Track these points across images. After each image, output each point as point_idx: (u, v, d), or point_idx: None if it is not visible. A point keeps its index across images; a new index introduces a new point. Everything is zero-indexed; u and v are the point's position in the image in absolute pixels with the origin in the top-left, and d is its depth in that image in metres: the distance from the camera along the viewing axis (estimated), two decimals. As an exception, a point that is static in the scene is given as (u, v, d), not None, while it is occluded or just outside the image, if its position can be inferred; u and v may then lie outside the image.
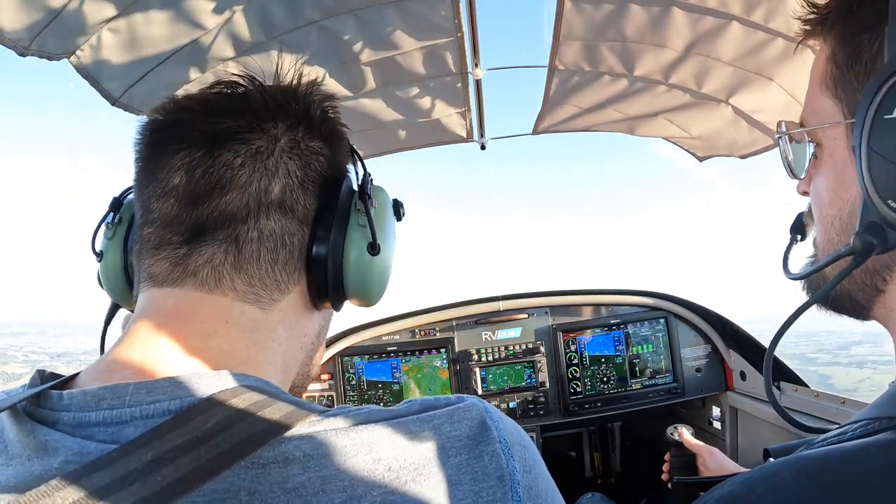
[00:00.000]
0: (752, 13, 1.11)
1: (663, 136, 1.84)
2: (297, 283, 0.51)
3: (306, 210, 0.51)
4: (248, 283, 0.47)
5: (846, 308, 0.49)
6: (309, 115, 0.52)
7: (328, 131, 0.54)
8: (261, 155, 0.48)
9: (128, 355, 0.43)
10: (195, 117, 0.48)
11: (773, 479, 0.35)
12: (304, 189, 0.50)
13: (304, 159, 0.51)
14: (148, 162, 0.49)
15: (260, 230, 0.47)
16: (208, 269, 0.46)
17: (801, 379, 1.78)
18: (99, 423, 0.38)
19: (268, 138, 0.49)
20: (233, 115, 0.49)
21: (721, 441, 2.06)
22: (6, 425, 0.40)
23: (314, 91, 0.55)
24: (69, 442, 0.37)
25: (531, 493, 0.42)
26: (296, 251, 0.50)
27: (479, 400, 0.45)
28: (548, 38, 1.36)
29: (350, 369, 2.07)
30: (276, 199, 0.48)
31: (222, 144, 0.47)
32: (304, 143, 0.51)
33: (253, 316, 0.48)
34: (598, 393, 2.09)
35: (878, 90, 0.41)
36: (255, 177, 0.47)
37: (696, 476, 1.26)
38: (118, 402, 0.38)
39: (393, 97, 1.59)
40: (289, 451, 0.37)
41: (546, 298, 2.17)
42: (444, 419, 0.42)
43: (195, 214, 0.46)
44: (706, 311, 2.13)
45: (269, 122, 0.49)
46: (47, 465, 0.36)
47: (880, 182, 0.41)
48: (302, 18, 1.18)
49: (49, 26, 0.96)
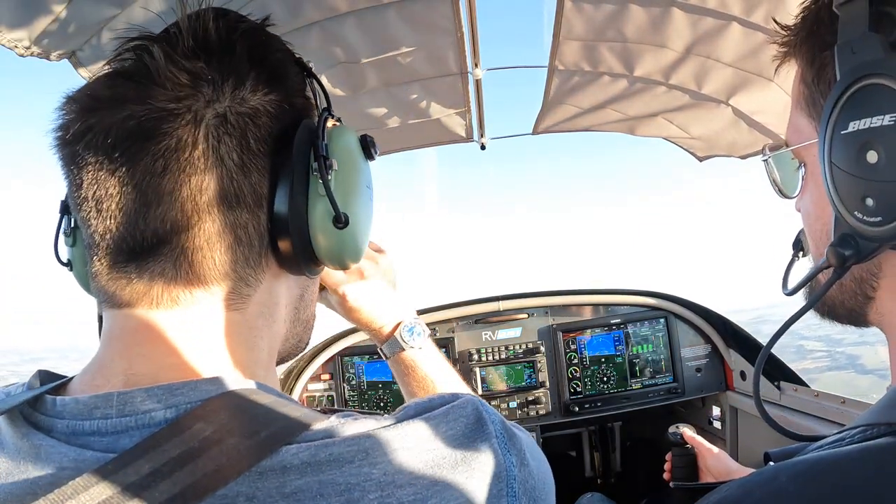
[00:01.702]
0: (753, 14, 1.10)
1: (663, 137, 1.84)
2: (266, 269, 0.47)
3: (256, 192, 0.44)
4: (209, 290, 0.43)
5: (842, 316, 0.51)
6: (233, 66, 0.43)
7: (266, 73, 0.45)
8: (183, 150, 0.41)
9: (113, 371, 0.41)
10: (102, 119, 0.41)
11: (771, 484, 0.35)
12: (246, 170, 0.43)
13: (239, 132, 0.43)
14: (72, 177, 0.43)
15: (207, 234, 0.42)
16: (161, 287, 0.42)
17: (801, 378, 1.78)
18: (94, 432, 0.37)
19: (186, 123, 0.41)
20: (141, 103, 0.40)
21: (721, 441, 2.06)
22: (2, 426, 0.40)
23: (234, 29, 0.45)
24: (64, 449, 0.36)
25: (527, 487, 0.42)
26: (255, 241, 0.45)
27: (473, 396, 0.45)
28: (548, 38, 1.36)
29: (350, 369, 2.07)
30: (215, 195, 0.42)
31: (137, 148, 0.40)
32: (233, 112, 0.43)
33: (228, 319, 0.44)
34: (598, 393, 2.09)
35: (834, 107, 0.42)
36: (181, 179, 0.41)
37: (698, 476, 1.27)
38: (112, 412, 0.38)
39: (393, 97, 1.59)
40: (286, 461, 0.37)
41: (546, 298, 2.17)
42: (440, 419, 0.42)
43: (133, 232, 0.41)
44: (706, 311, 2.13)
45: (186, 101, 0.41)
46: (41, 472, 0.36)
47: (844, 195, 0.42)
48: (302, 18, 1.18)
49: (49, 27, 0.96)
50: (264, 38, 0.48)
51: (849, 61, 0.41)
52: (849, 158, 0.41)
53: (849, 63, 0.41)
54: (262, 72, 0.45)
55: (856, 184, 0.41)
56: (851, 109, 0.41)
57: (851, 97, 0.41)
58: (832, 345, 39.14)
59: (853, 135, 0.41)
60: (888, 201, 0.39)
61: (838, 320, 0.52)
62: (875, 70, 0.39)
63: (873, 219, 0.40)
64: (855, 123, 0.41)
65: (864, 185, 0.40)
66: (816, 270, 0.48)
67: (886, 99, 0.39)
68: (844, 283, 0.47)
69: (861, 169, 0.40)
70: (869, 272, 0.45)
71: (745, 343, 2.03)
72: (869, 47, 0.40)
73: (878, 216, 0.40)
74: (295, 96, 0.49)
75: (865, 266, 0.44)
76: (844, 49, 0.42)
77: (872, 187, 0.40)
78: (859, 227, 0.41)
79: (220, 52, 0.44)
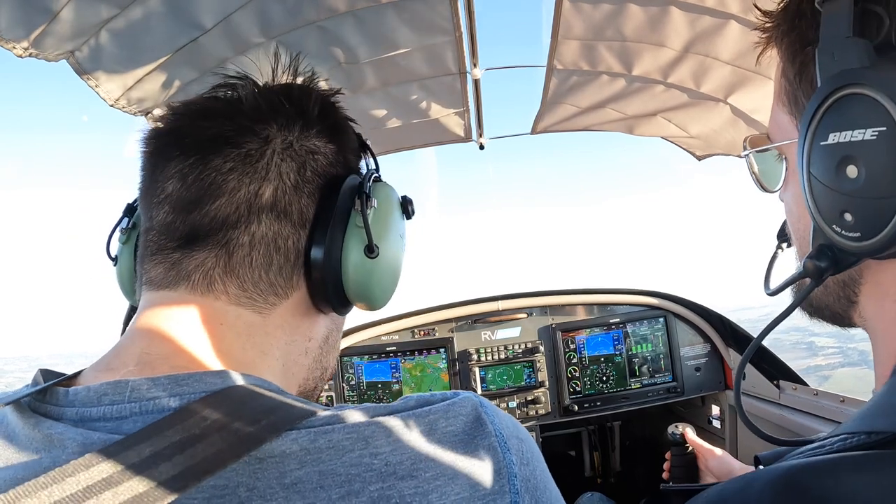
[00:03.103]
0: (751, 13, 1.11)
1: (662, 136, 1.84)
2: (297, 287, 0.51)
3: (303, 213, 0.50)
4: (241, 287, 0.47)
5: (827, 317, 0.50)
6: (305, 113, 0.51)
7: (329, 127, 0.53)
8: (251, 158, 0.48)
9: (129, 353, 0.44)
10: (189, 124, 0.49)
11: (745, 491, 0.35)
12: (299, 191, 0.50)
13: (300, 160, 0.50)
14: (148, 170, 0.50)
15: (252, 235, 0.47)
16: (200, 273, 0.47)
17: (800, 377, 1.79)
18: (100, 418, 0.39)
19: (259, 141, 0.48)
20: (225, 118, 0.49)
21: (721, 440, 2.07)
22: (11, 419, 0.41)
23: (311, 86, 0.54)
24: (72, 434, 0.38)
25: (529, 486, 0.42)
26: (292, 255, 0.50)
27: (473, 395, 0.45)
28: (546, 38, 1.36)
29: (349, 369, 2.07)
30: (268, 202, 0.48)
31: (214, 150, 0.47)
32: (299, 143, 0.50)
33: (249, 320, 0.48)
34: (598, 392, 2.09)
35: (814, 115, 0.40)
36: (244, 181, 0.47)
37: (697, 476, 1.26)
38: (119, 398, 0.39)
39: (391, 97, 1.60)
40: (286, 446, 0.37)
41: (545, 298, 2.17)
42: (440, 414, 0.42)
43: (188, 220, 0.47)
44: (705, 311, 2.13)
45: (262, 124, 0.49)
46: (56, 457, 0.37)
47: (822, 208, 0.41)
48: (301, 18, 1.18)
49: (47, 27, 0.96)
50: (333, 101, 0.56)
51: (830, 67, 0.39)
52: (828, 171, 0.39)
53: (830, 69, 0.39)
54: (327, 125, 0.53)
55: (834, 198, 0.39)
56: (832, 120, 0.39)
57: (832, 107, 0.39)
58: (844, 340, 38.84)
59: (833, 147, 0.39)
60: (868, 218, 0.37)
61: (825, 321, 0.51)
62: (857, 80, 0.37)
63: (852, 234, 0.39)
64: (835, 135, 0.39)
65: (843, 199, 0.39)
66: (794, 279, 0.47)
67: (868, 111, 0.36)
68: (828, 285, 0.46)
69: (840, 183, 0.39)
70: (851, 277, 0.44)
71: (744, 342, 2.04)
72: (851, 53, 0.38)
73: (857, 231, 0.38)
74: (349, 153, 0.56)
75: (847, 272, 0.43)
76: (825, 52, 0.40)
77: (851, 203, 0.38)
78: (837, 240, 0.40)
79: (298, 99, 0.52)
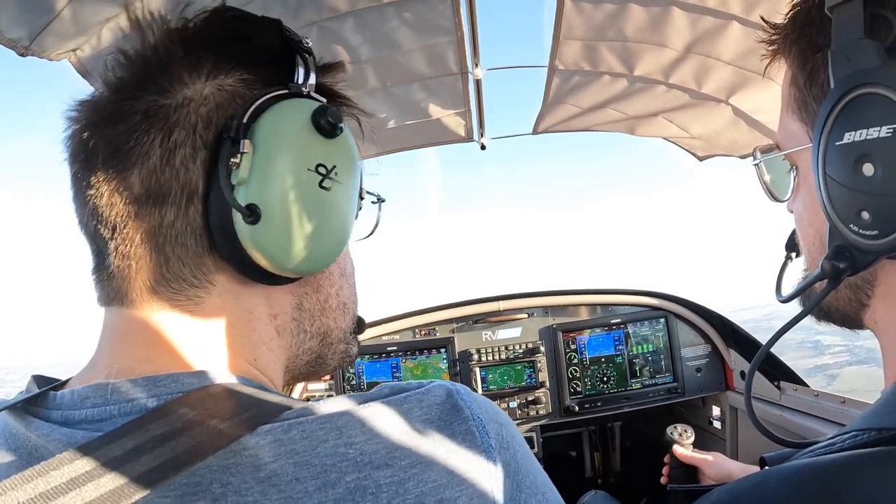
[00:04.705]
0: (752, 13, 1.10)
1: (663, 136, 1.84)
2: (216, 270, 0.44)
3: (188, 185, 0.42)
4: (154, 290, 0.43)
5: (838, 321, 0.50)
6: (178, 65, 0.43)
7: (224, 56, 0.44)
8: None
9: (112, 356, 0.44)
10: (81, 130, 0.44)
11: (758, 490, 0.35)
12: (173, 163, 0.42)
13: (188, 127, 0.42)
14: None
15: (133, 234, 0.43)
16: (115, 288, 0.44)
17: (800, 378, 1.78)
18: (83, 420, 0.39)
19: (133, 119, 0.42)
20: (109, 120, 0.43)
21: (721, 441, 2.06)
22: (8, 422, 0.42)
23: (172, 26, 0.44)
24: (57, 434, 0.39)
25: (510, 470, 0.42)
26: (188, 239, 0.43)
27: (449, 382, 0.45)
28: (548, 38, 1.36)
29: (350, 369, 2.06)
30: (139, 193, 0.42)
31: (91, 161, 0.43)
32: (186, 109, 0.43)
33: (181, 319, 0.44)
34: (598, 393, 2.09)
35: (828, 116, 0.41)
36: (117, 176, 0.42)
37: (696, 478, 1.26)
38: (101, 401, 0.40)
39: (393, 97, 1.59)
40: (259, 439, 0.37)
41: (546, 298, 2.17)
42: (415, 402, 0.42)
43: (94, 236, 0.44)
44: (706, 311, 2.13)
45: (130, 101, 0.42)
46: (41, 456, 0.37)
47: (839, 207, 0.41)
48: (302, 18, 1.18)
49: (49, 26, 0.96)
50: (230, 14, 0.46)
51: (843, 68, 0.40)
52: (844, 170, 0.40)
53: (843, 70, 0.40)
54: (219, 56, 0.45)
55: (851, 196, 0.40)
56: (847, 120, 0.40)
57: (847, 107, 0.40)
58: (850, 338, 39.13)
59: (849, 146, 0.39)
60: (885, 215, 0.38)
61: (835, 323, 0.51)
62: (872, 79, 0.38)
63: (869, 232, 0.39)
64: (850, 134, 0.39)
65: (861, 198, 0.39)
66: (811, 281, 0.47)
67: (884, 109, 0.37)
68: (840, 289, 0.46)
69: (857, 182, 0.39)
70: (864, 280, 0.45)
71: (744, 343, 2.03)
72: (865, 54, 0.38)
73: (875, 230, 0.39)
74: (253, 84, 0.46)
75: (861, 274, 0.44)
76: (839, 55, 0.40)
77: (869, 201, 0.39)
78: (855, 239, 0.40)
79: (157, 58, 0.43)
